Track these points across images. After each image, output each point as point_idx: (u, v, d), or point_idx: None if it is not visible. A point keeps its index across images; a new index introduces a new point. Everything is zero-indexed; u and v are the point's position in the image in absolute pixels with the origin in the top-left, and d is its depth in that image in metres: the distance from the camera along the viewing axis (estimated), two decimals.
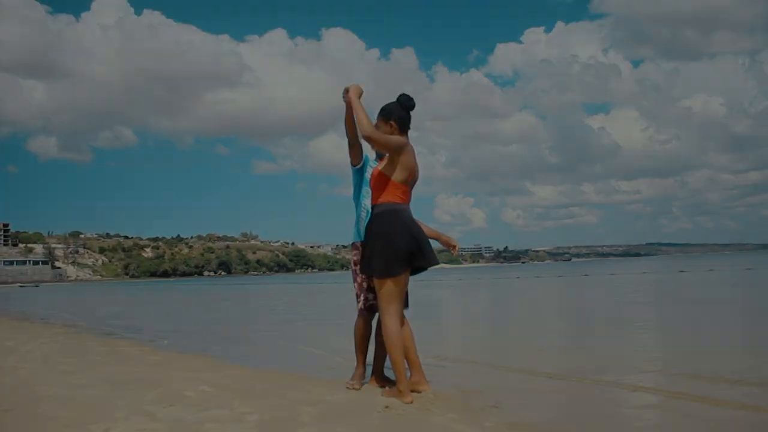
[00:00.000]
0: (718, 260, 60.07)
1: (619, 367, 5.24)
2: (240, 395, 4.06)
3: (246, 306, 18.60)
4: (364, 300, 4.30)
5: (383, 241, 3.81)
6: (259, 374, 5.10)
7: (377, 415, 3.51)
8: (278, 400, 3.92)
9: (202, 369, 5.41)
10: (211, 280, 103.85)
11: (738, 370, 4.87)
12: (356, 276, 4.39)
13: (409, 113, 3.97)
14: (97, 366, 5.63)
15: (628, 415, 3.66)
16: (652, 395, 4.08)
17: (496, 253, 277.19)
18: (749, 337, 7.01)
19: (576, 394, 4.29)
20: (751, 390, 4.10)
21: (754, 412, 3.56)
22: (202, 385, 4.40)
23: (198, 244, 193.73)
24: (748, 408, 3.64)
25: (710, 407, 3.69)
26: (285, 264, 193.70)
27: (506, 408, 3.73)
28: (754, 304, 11.31)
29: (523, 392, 4.30)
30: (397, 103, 3.96)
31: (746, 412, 3.57)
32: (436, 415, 3.47)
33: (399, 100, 3.97)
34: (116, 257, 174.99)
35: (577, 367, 5.28)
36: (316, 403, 3.80)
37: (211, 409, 3.66)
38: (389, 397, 3.83)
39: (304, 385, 4.45)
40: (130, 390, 4.28)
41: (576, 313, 11.29)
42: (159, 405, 3.77)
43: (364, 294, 4.30)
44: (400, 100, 3.96)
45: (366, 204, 4.35)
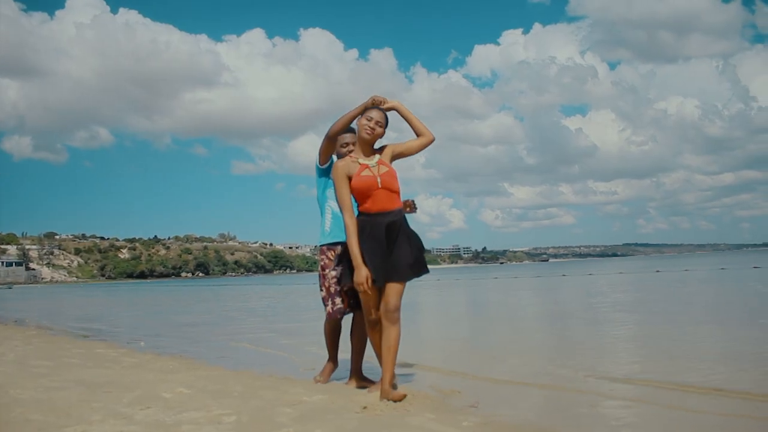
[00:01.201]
0: (693, 260, 60.84)
1: (598, 364, 5.29)
2: (217, 397, 4.03)
3: (223, 307, 18.48)
4: (332, 305, 4.37)
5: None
6: (236, 375, 5.07)
7: (355, 415, 3.51)
8: (256, 401, 3.90)
9: (179, 370, 5.37)
10: (188, 282, 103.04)
11: (712, 370, 4.95)
12: (324, 281, 4.41)
13: None
14: (72, 368, 5.55)
15: (606, 414, 3.70)
16: (629, 394, 4.13)
17: (474, 254, 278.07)
18: (725, 336, 7.10)
19: (554, 394, 4.32)
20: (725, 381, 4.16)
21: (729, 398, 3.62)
22: (179, 387, 4.37)
23: (175, 245, 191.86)
24: (722, 392, 3.70)
25: (687, 400, 3.75)
26: (263, 265, 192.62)
27: (484, 408, 3.75)
28: (731, 304, 11.46)
29: (501, 393, 4.33)
30: None
31: (720, 403, 3.63)
32: (414, 415, 3.48)
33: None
34: (92, 258, 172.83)
35: (556, 367, 5.33)
36: (294, 404, 3.79)
37: (188, 410, 3.63)
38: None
39: (281, 386, 4.43)
40: (106, 392, 4.23)
41: (553, 314, 11.37)
42: (135, 407, 3.73)
43: (332, 299, 4.36)
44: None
45: (332, 205, 4.39)
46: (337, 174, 3.91)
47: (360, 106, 4.06)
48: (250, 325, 11.14)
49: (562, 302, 14.55)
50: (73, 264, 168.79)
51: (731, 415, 3.53)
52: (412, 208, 4.43)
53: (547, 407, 4.01)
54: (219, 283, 70.41)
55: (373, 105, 4.00)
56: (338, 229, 4.35)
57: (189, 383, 4.55)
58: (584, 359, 5.66)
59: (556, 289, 20.69)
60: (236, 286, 49.62)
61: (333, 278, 4.37)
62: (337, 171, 3.93)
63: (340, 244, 4.31)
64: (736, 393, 3.97)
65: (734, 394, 3.96)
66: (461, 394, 4.14)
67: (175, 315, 15.74)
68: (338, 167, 3.93)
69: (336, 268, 4.34)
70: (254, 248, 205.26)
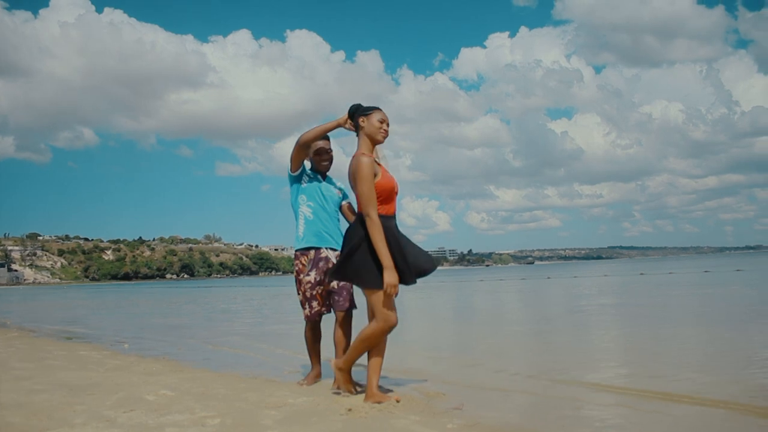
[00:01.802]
0: (677, 263, 61.33)
1: (581, 367, 5.32)
2: (201, 399, 4.02)
3: (209, 309, 18.39)
4: (309, 308, 4.46)
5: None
6: (221, 378, 5.05)
7: (340, 417, 3.50)
8: (240, 403, 3.89)
9: (163, 373, 5.35)
10: (173, 283, 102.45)
11: (695, 368, 4.99)
12: (300, 286, 4.48)
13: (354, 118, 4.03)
14: (54, 371, 5.51)
15: (589, 416, 3.71)
16: (614, 395, 4.15)
17: (460, 256, 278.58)
18: (708, 340, 7.16)
19: (539, 396, 4.33)
20: (706, 386, 4.20)
21: (712, 408, 3.65)
22: (162, 389, 4.35)
23: (160, 246, 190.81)
24: (706, 403, 3.73)
25: (670, 404, 3.77)
26: (248, 267, 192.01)
27: (469, 410, 3.76)
28: (715, 307, 11.56)
29: (486, 395, 4.33)
30: None
31: (703, 408, 3.66)
32: (398, 417, 3.48)
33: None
34: (76, 260, 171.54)
35: (541, 369, 5.35)
36: (278, 406, 3.78)
37: (171, 413, 3.61)
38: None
39: (266, 389, 4.42)
40: (88, 395, 4.20)
41: (538, 318, 11.41)
42: (118, 410, 3.71)
43: (309, 302, 4.46)
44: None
45: (304, 211, 4.47)
46: (368, 170, 3.74)
47: (334, 122, 4.17)
48: (235, 327, 11.09)
49: (547, 305, 14.61)
50: (57, 265, 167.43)
51: (713, 417, 3.57)
52: None
53: (531, 410, 4.02)
54: (204, 284, 70.07)
55: (348, 126, 4.09)
56: (311, 234, 4.46)
57: (173, 386, 4.53)
58: (568, 363, 5.69)
59: (541, 291, 20.77)
60: (221, 287, 49.40)
61: (308, 282, 4.44)
62: (368, 167, 3.75)
63: (312, 249, 4.44)
64: (718, 401, 4.00)
65: (717, 401, 3.98)
66: (446, 396, 4.14)
67: (160, 317, 15.64)
68: (368, 164, 3.76)
69: (310, 273, 4.43)
70: (240, 250, 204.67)
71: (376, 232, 3.69)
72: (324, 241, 4.46)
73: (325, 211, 4.49)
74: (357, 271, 3.76)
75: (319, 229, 4.46)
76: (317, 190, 4.50)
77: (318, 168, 4.55)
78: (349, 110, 4.03)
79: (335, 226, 4.54)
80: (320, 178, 4.54)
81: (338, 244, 4.44)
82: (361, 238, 3.76)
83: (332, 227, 4.51)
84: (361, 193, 3.74)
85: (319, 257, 4.44)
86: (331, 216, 4.52)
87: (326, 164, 4.56)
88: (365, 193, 3.72)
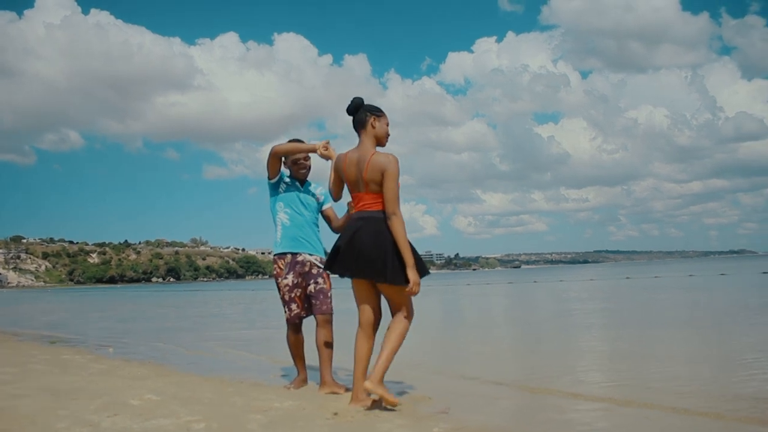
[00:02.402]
0: (663, 267, 61.76)
1: (568, 372, 5.34)
2: (187, 403, 3.99)
3: (195, 313, 18.31)
4: (289, 311, 4.55)
5: None
6: (207, 382, 5.02)
7: (326, 422, 3.49)
8: (226, 407, 3.87)
9: (148, 377, 5.31)
10: (159, 287, 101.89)
11: (680, 374, 5.03)
12: (278, 290, 4.55)
13: (350, 114, 3.96)
14: (37, 375, 5.45)
15: (574, 419, 3.73)
16: (599, 400, 4.17)
17: (447, 260, 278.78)
18: (692, 344, 7.21)
19: (525, 400, 4.35)
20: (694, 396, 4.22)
21: (700, 418, 3.67)
22: (147, 394, 4.31)
23: (146, 249, 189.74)
24: (693, 413, 3.75)
25: (657, 412, 3.80)
26: (235, 270, 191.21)
27: (455, 413, 3.76)
28: (699, 311, 11.65)
29: (472, 399, 4.34)
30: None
31: (688, 417, 3.68)
32: (384, 421, 3.47)
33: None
34: (60, 263, 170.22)
35: (526, 374, 5.37)
36: (264, 410, 3.76)
37: (156, 417, 3.58)
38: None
39: (252, 393, 4.40)
40: (72, 399, 4.16)
41: (524, 322, 11.45)
42: (102, 414, 3.67)
43: (288, 305, 4.55)
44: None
45: (281, 218, 4.56)
46: (398, 169, 3.77)
47: (309, 146, 4.34)
48: (221, 331, 11.05)
49: (534, 309, 14.67)
50: (41, 268, 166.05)
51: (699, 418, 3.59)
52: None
53: (517, 414, 4.03)
54: (190, 288, 69.73)
55: (321, 153, 4.23)
56: (287, 239, 4.54)
57: (158, 390, 4.50)
58: (554, 368, 5.71)
59: (528, 296, 20.84)
60: (208, 291, 49.19)
61: (285, 285, 4.52)
62: (398, 166, 3.78)
63: (289, 254, 4.52)
64: (703, 410, 4.03)
65: (702, 412, 4.02)
66: (431, 400, 4.15)
67: (146, 321, 15.55)
68: (397, 163, 3.79)
69: (287, 276, 4.51)
70: (226, 253, 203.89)
71: (403, 229, 3.76)
72: (300, 246, 4.54)
73: (303, 217, 4.57)
74: (395, 269, 3.76)
75: (295, 235, 4.54)
76: (295, 197, 4.58)
77: (296, 175, 4.60)
78: (353, 102, 3.96)
79: (312, 231, 4.61)
80: (298, 185, 4.60)
81: (315, 249, 4.56)
82: (388, 236, 3.76)
83: (309, 233, 4.58)
84: (391, 190, 3.76)
85: (296, 261, 4.52)
86: (308, 222, 4.59)
87: (304, 172, 4.62)
88: (394, 190, 3.77)
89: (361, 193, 3.86)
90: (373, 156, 3.82)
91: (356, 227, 3.82)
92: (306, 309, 4.56)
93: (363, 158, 3.83)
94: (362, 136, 3.92)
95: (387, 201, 3.77)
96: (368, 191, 3.82)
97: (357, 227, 3.82)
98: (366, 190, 3.82)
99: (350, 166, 3.88)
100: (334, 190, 4.10)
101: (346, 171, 3.90)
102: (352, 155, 3.90)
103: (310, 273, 4.51)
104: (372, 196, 3.81)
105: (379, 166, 3.78)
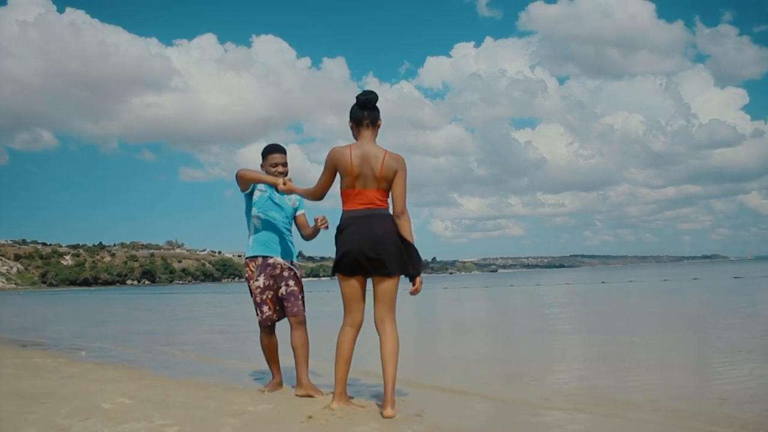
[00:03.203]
0: (637, 272, 62.45)
1: (541, 378, 5.38)
2: (160, 407, 3.96)
3: (170, 316, 18.15)
4: (260, 313, 4.54)
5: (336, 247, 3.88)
6: (180, 385, 4.98)
7: (300, 425, 3.48)
8: (200, 411, 3.84)
9: (121, 380, 5.25)
10: (134, 289, 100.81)
11: (654, 381, 5.09)
12: (250, 292, 4.57)
13: (366, 108, 3.89)
14: (8, 379, 5.37)
15: (549, 421, 3.75)
16: (572, 404, 4.20)
17: (424, 264, 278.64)
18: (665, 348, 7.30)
19: (499, 404, 4.37)
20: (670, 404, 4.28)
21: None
22: (120, 397, 4.27)
23: (121, 251, 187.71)
24: (666, 418, 3.80)
25: (631, 414, 3.84)
26: (211, 273, 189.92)
27: (429, 416, 3.77)
28: (673, 315, 11.80)
29: (446, 402, 4.36)
30: (355, 101, 3.95)
31: (663, 417, 3.73)
32: (358, 424, 3.47)
33: (356, 97, 3.94)
34: (33, 265, 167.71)
35: (500, 376, 5.40)
36: (238, 413, 3.75)
37: (128, 421, 3.55)
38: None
39: (226, 396, 4.38)
40: (43, 403, 4.11)
41: (499, 325, 11.52)
42: (73, 418, 3.63)
43: (259, 308, 4.54)
44: (356, 97, 3.94)
45: (255, 222, 4.58)
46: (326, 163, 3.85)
47: (271, 180, 4.33)
48: (196, 334, 10.98)
49: (510, 313, 14.75)
50: (13, 270, 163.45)
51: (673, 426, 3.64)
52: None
53: (492, 416, 4.05)
54: (166, 291, 69.10)
55: (280, 188, 4.25)
56: (259, 243, 4.56)
57: (131, 393, 4.46)
58: (529, 370, 5.75)
59: (504, 299, 20.96)
60: (183, 294, 48.77)
61: (257, 288, 4.51)
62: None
63: (260, 257, 4.53)
64: (677, 411, 4.08)
65: (676, 411, 4.07)
66: (405, 403, 4.15)
67: (120, 323, 15.38)
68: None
69: (258, 278, 4.50)
70: (202, 256, 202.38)
71: (411, 227, 3.88)
72: (272, 250, 4.55)
73: (276, 223, 4.58)
74: (405, 263, 3.84)
75: (268, 239, 4.55)
76: (269, 203, 4.57)
77: None
78: (375, 96, 3.92)
79: (285, 236, 4.62)
80: (274, 190, 4.57)
81: (287, 253, 4.57)
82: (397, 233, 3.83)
83: (282, 237, 4.59)
84: (404, 189, 3.85)
85: (267, 263, 4.52)
86: (281, 227, 4.60)
87: None
88: (405, 189, 3.86)
89: (366, 190, 3.79)
90: (387, 154, 3.82)
91: (374, 223, 3.77)
92: (278, 311, 4.56)
93: (375, 155, 3.80)
94: (368, 132, 3.88)
95: (399, 199, 3.83)
96: (379, 188, 3.81)
97: (376, 223, 3.78)
98: (378, 187, 3.80)
99: (359, 161, 3.78)
100: (324, 187, 3.95)
101: (353, 166, 3.76)
102: (356, 151, 3.80)
103: (281, 275, 4.51)
104: (382, 193, 3.82)
105: (393, 165, 3.81)
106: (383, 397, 3.71)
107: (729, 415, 3.76)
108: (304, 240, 4.72)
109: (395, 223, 3.82)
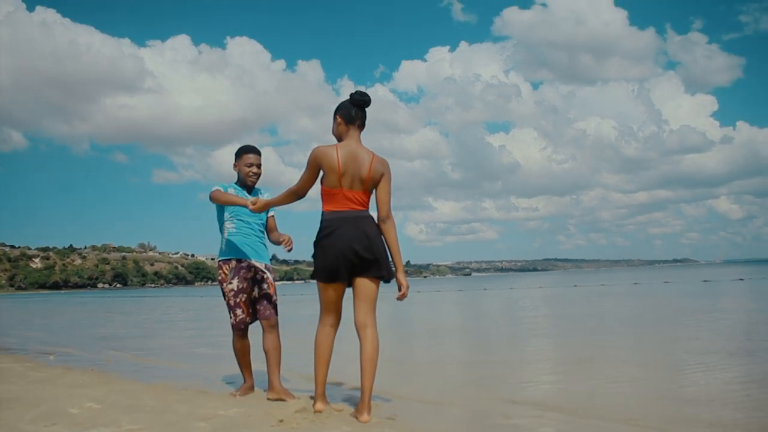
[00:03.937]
0: (609, 276, 63.17)
1: (514, 380, 5.41)
2: (129, 411, 3.91)
3: (141, 320, 17.94)
4: (234, 316, 4.49)
5: (314, 250, 3.82)
6: (150, 389, 4.92)
7: (271, 429, 3.46)
8: (170, 415, 3.80)
9: (90, 385, 5.18)
10: (105, 293, 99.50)
11: (626, 383, 5.14)
12: (223, 295, 4.54)
13: (359, 108, 3.90)
14: None
15: (521, 425, 3.77)
16: (546, 408, 4.23)
17: None
18: (637, 350, 7.38)
19: (471, 407, 4.38)
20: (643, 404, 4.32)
21: None
22: (88, 402, 4.21)
23: (92, 254, 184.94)
24: (641, 426, 3.84)
25: (603, 420, 3.87)
26: (184, 276, 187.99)
27: (402, 421, 3.77)
28: (644, 318, 11.93)
29: (418, 406, 4.36)
30: (348, 99, 3.94)
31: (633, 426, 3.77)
32: (330, 428, 3.46)
33: (350, 95, 3.94)
34: (0, 268, 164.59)
35: (473, 381, 5.41)
36: (209, 417, 3.71)
37: (96, 426, 3.50)
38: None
39: (196, 400, 4.34)
40: (7, 409, 4.03)
41: (473, 330, 11.56)
42: (39, 424, 3.57)
43: (233, 311, 4.49)
44: (351, 96, 3.93)
45: (227, 226, 4.56)
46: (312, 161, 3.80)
47: (242, 201, 4.28)
48: (168, 338, 10.86)
49: (483, 317, 14.82)
50: None
51: None
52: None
53: (464, 420, 4.06)
54: (137, 294, 68.28)
55: (251, 208, 4.19)
56: (231, 247, 4.52)
57: (99, 398, 4.40)
58: (502, 376, 5.78)
59: (477, 303, 21.05)
60: (155, 297, 48.24)
61: (230, 290, 4.47)
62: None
63: (233, 259, 4.50)
64: (645, 414, 4.12)
65: (642, 412, 4.11)
66: (378, 407, 4.14)
67: (90, 327, 15.16)
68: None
69: (232, 281, 4.46)
70: (175, 259, 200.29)
71: (396, 232, 3.90)
72: (245, 252, 4.51)
73: (248, 226, 4.55)
74: (389, 265, 3.87)
75: (241, 242, 4.52)
76: (241, 207, 4.50)
77: (246, 182, 4.56)
78: (363, 98, 3.92)
79: (258, 239, 4.60)
80: (246, 193, 4.55)
81: (260, 257, 4.53)
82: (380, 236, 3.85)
83: (255, 240, 4.57)
84: (389, 193, 3.87)
85: (241, 266, 4.49)
86: (254, 230, 4.58)
87: (253, 179, 4.61)
88: (390, 193, 3.88)
89: (352, 190, 3.76)
90: (374, 156, 3.82)
91: (364, 224, 3.77)
92: (251, 314, 4.52)
93: (363, 156, 3.79)
94: (357, 132, 3.88)
95: (384, 204, 3.85)
96: (365, 190, 3.80)
97: (366, 224, 3.78)
98: (364, 188, 3.79)
99: (345, 160, 3.74)
100: (306, 185, 3.86)
101: (340, 164, 3.71)
102: (343, 150, 3.76)
103: (254, 278, 4.49)
104: (367, 195, 3.82)
105: (380, 168, 3.83)
106: (360, 401, 3.70)
107: (694, 415, 3.81)
108: (273, 243, 4.71)
109: (379, 226, 3.84)
